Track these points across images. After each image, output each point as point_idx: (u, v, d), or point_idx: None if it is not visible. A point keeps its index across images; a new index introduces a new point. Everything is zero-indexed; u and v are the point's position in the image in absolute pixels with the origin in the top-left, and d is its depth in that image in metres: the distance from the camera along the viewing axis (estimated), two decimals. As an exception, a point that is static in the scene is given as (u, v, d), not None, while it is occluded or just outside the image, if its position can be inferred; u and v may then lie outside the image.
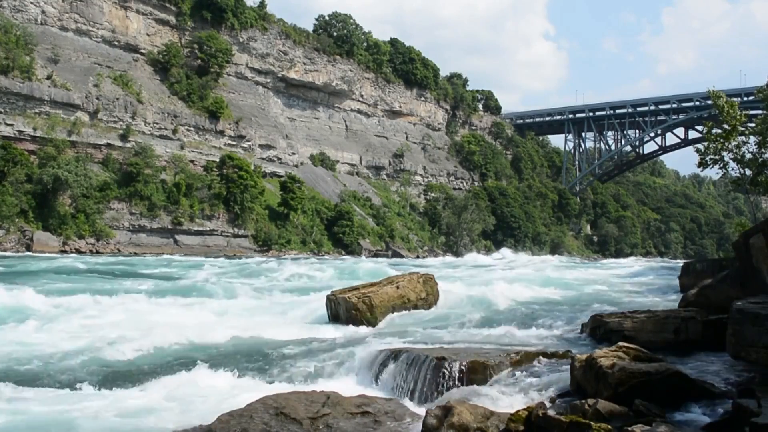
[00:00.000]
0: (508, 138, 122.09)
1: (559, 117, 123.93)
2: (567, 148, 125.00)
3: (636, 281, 31.97)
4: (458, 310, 17.71)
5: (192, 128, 71.53)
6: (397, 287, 17.11)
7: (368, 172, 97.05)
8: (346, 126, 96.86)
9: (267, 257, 57.87)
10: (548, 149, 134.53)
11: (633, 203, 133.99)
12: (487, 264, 54.85)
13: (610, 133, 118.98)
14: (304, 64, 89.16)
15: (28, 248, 50.12)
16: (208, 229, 65.66)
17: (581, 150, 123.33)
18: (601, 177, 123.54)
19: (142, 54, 72.30)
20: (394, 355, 10.42)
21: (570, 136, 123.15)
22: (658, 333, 10.72)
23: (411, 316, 16.69)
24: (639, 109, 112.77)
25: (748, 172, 25.28)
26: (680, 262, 39.09)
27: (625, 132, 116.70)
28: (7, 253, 45.86)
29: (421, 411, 7.62)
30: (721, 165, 25.46)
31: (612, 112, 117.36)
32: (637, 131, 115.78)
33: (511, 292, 22.09)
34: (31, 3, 62.92)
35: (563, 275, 34.32)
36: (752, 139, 25.72)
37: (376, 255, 73.46)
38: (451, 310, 17.61)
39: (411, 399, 9.27)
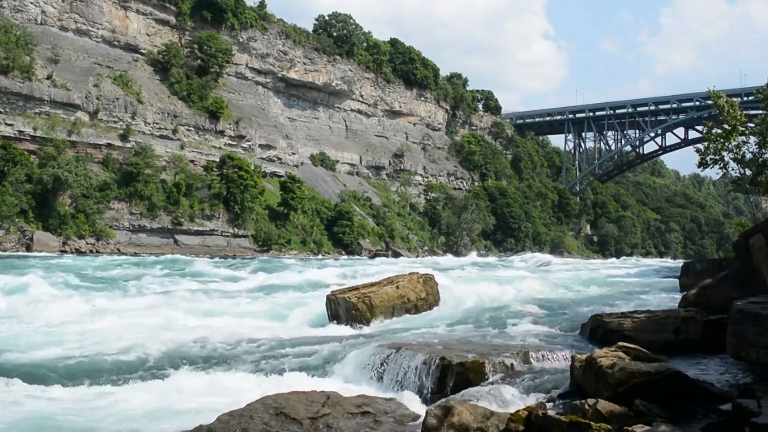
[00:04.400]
0: (508, 138, 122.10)
1: (559, 117, 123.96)
2: (567, 148, 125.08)
3: (636, 281, 31.93)
4: (458, 309, 17.70)
5: (192, 128, 71.54)
6: (397, 287, 17.08)
7: (368, 172, 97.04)
8: (346, 126, 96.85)
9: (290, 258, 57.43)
10: (548, 149, 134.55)
11: (633, 203, 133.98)
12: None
13: (610, 133, 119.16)
14: (304, 64, 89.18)
15: (28, 248, 50.11)
16: (208, 229, 65.67)
17: (581, 150, 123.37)
18: (601, 177, 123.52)
19: (142, 54, 72.30)
20: (394, 355, 10.41)
21: (570, 136, 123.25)
22: (658, 333, 10.71)
23: (411, 316, 16.67)
24: (639, 109, 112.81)
25: (748, 172, 25.34)
26: (680, 262, 39.06)
27: (625, 132, 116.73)
28: (9, 253, 45.86)
29: (422, 411, 7.62)
30: (721, 165, 25.51)
31: (612, 112, 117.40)
32: (637, 131, 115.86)
33: (510, 292, 22.09)
34: (31, 3, 62.93)
35: (563, 275, 34.29)
36: (752, 139, 25.81)
37: (376, 255, 73.33)
38: (451, 310, 17.59)
39: (411, 399, 9.26)
